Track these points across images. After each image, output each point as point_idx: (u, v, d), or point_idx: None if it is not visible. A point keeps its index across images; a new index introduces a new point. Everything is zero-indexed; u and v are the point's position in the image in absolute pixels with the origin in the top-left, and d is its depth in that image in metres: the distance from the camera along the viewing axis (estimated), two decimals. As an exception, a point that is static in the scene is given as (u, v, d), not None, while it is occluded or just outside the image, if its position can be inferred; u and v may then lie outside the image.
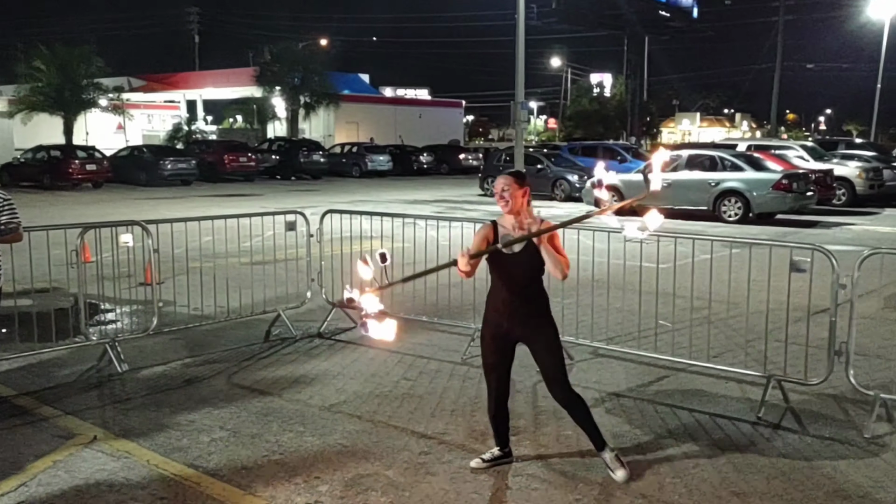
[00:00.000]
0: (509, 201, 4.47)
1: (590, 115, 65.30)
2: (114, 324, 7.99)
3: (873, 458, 4.86)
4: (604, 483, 4.52)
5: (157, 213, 19.08)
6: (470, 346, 7.15)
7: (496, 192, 4.54)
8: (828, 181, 21.13)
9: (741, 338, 7.26)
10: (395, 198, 25.35)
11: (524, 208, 4.52)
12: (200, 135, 44.37)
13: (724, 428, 5.39)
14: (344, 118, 53.21)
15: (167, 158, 31.60)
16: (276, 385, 6.32)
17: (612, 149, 28.55)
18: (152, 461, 4.83)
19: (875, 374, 6.22)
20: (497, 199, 4.54)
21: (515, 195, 4.47)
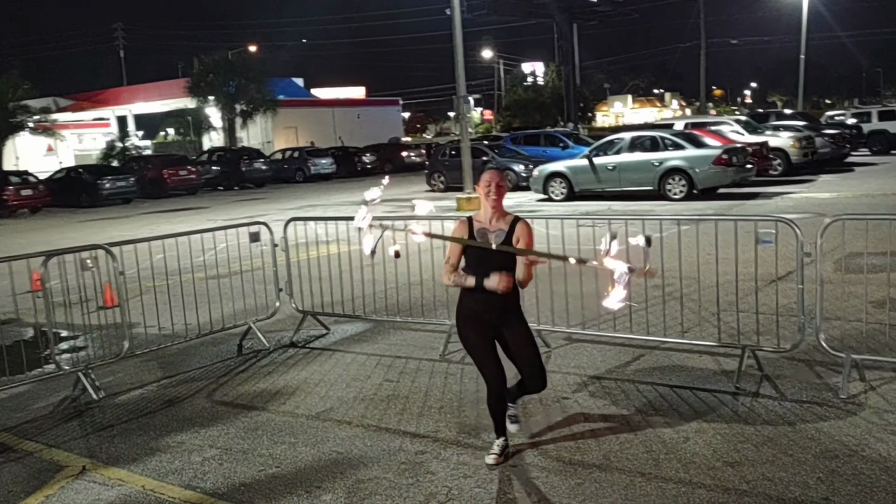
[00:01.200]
0: (497, 197, 4.61)
1: (526, 104, 65.86)
2: (84, 350, 7.81)
3: (853, 417, 5.06)
4: (601, 465, 4.62)
5: (108, 235, 18.64)
6: (448, 342, 7.20)
7: (484, 186, 4.64)
8: (764, 153, 21.76)
9: (709, 311, 7.46)
10: (343, 200, 25.23)
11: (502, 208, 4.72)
12: (136, 151, 43.35)
13: (706, 401, 5.55)
14: (282, 124, 52.66)
15: (105, 178, 30.84)
16: (259, 398, 6.27)
17: (553, 136, 28.85)
18: (148, 486, 4.76)
19: (843, 335, 6.46)
20: (483, 193, 4.64)
21: (501, 192, 4.64)
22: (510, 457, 4.76)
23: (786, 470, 4.40)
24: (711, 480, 4.34)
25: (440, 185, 26.87)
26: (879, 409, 5.17)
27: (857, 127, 30.86)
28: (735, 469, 4.46)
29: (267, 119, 49.30)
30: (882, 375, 5.75)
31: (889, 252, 6.90)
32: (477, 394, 5.98)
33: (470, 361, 6.79)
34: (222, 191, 35.48)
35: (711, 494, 4.18)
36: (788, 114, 33.53)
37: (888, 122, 30.94)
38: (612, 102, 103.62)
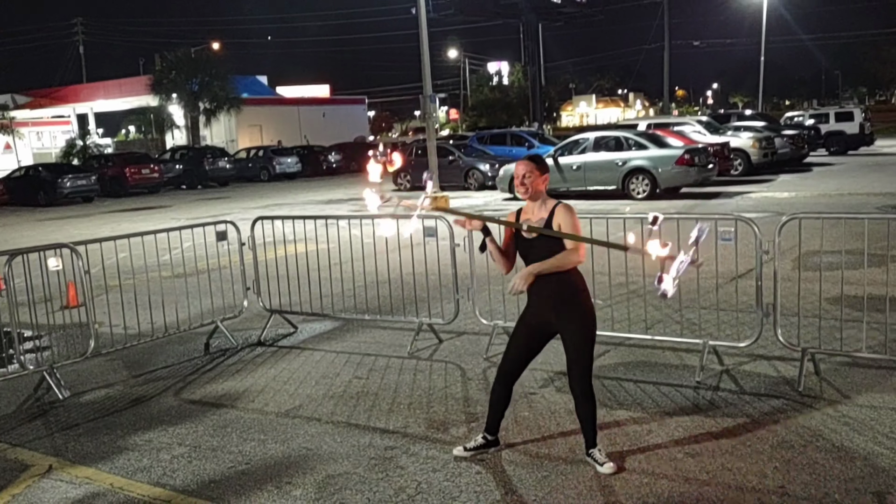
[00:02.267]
0: (529, 188, 4.48)
1: (493, 103, 66.19)
2: (48, 350, 7.73)
3: (808, 409, 5.24)
4: (567, 458, 4.72)
5: (67, 234, 18.37)
6: (415, 340, 7.26)
7: (517, 178, 4.50)
8: (725, 153, 22.16)
9: (672, 308, 7.63)
10: (308, 199, 25.14)
11: (545, 196, 4.53)
12: (97, 149, 42.69)
13: (669, 395, 5.69)
14: (246, 122, 52.21)
15: (66, 176, 30.32)
16: (227, 396, 6.28)
17: (519, 136, 29.06)
18: (116, 484, 4.76)
19: (799, 330, 6.65)
20: (517, 185, 4.52)
21: (536, 183, 4.48)
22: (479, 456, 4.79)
23: (744, 460, 4.55)
24: (673, 471, 4.47)
25: (406, 185, 26.90)
26: (833, 401, 5.35)
27: (816, 128, 31.54)
28: (696, 460, 4.59)
29: (231, 117, 48.85)
30: (836, 369, 5.95)
31: (843, 250, 7.12)
32: (445, 390, 6.06)
33: (438, 358, 6.92)
34: (185, 190, 35.10)
35: (673, 485, 4.31)
36: (749, 115, 34.18)
37: (845, 124, 31.66)
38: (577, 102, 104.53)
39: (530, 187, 4.49)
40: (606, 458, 4.57)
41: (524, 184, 4.49)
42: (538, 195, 4.52)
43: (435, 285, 8.04)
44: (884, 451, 4.55)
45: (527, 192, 4.50)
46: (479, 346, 7.14)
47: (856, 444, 4.67)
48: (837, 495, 4.09)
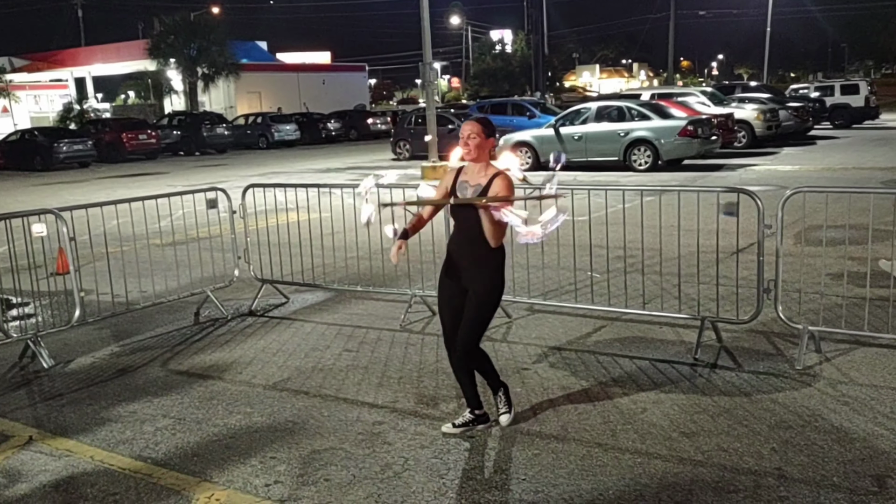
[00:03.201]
0: (472, 150, 4.35)
1: (495, 72, 65.54)
2: (33, 318, 7.60)
3: (807, 388, 5.11)
4: (559, 436, 4.60)
5: (61, 199, 18.18)
6: (407, 312, 7.13)
7: (461, 138, 4.39)
8: (729, 125, 21.91)
9: (671, 283, 7.48)
10: (306, 167, 24.91)
11: (487, 161, 4.41)
12: (94, 114, 42.33)
13: (665, 372, 5.56)
14: (245, 88, 51.73)
15: (62, 141, 30.06)
16: (215, 367, 6.16)
17: (521, 105, 28.70)
18: (97, 457, 4.64)
19: (800, 307, 6.51)
20: (461, 144, 4.39)
21: (481, 146, 4.36)
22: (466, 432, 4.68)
23: (741, 440, 4.43)
24: (667, 451, 4.35)
25: (405, 154, 26.66)
26: (834, 380, 5.22)
27: (820, 101, 31.22)
28: (691, 440, 4.47)
29: (229, 83, 48.39)
30: (837, 347, 5.81)
31: (847, 225, 6.96)
32: (436, 364, 5.94)
33: (430, 331, 6.78)
34: (183, 156, 34.84)
35: (667, 465, 4.19)
36: (754, 86, 33.79)
37: (850, 97, 31.33)
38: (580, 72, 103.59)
39: (473, 149, 4.36)
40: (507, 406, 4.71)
41: (468, 144, 4.37)
42: (481, 158, 4.40)
43: (429, 257, 7.88)
44: (884, 433, 4.43)
45: (469, 153, 4.38)
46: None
47: (855, 425, 4.54)
48: (836, 478, 3.98)
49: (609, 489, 3.98)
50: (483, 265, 4.43)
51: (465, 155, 4.40)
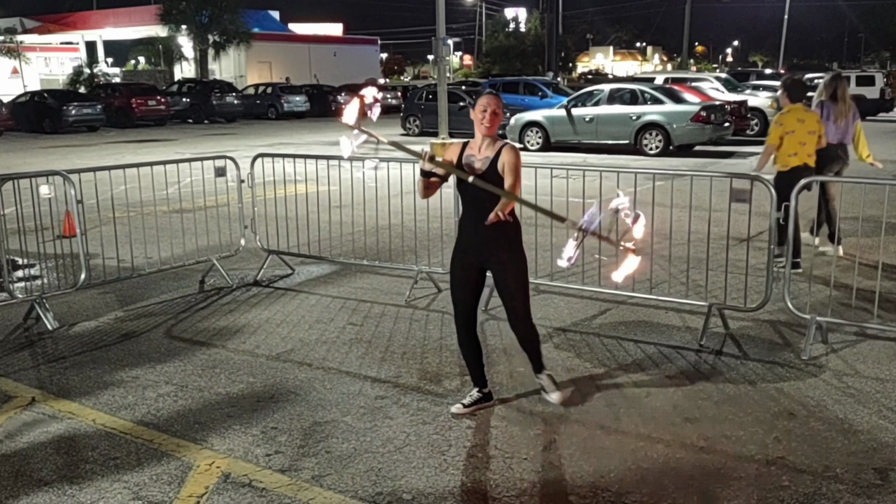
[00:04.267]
0: (490, 125, 4.32)
1: (507, 50, 65.05)
2: (39, 279, 7.60)
3: (813, 379, 5.08)
4: (562, 417, 4.58)
5: (69, 162, 18.13)
6: (413, 288, 7.11)
7: (479, 111, 4.34)
8: (742, 112, 21.71)
9: (679, 268, 7.44)
10: (315, 140, 24.81)
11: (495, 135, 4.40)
12: (104, 78, 42.20)
13: (670, 357, 5.53)
14: (256, 58, 51.47)
15: (71, 104, 29.95)
16: (219, 336, 6.15)
17: (533, 84, 28.49)
18: (98, 420, 4.65)
19: (808, 297, 6.47)
20: (478, 118, 4.34)
21: (496, 121, 4.34)
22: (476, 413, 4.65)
23: (744, 428, 4.40)
24: (670, 436, 4.33)
25: (415, 129, 26.53)
26: (840, 371, 5.19)
27: (835, 91, 30.86)
28: (694, 425, 4.45)
29: (240, 52, 48.14)
30: (844, 339, 5.77)
31: (861, 217, 6.89)
32: (441, 341, 5.92)
33: (435, 308, 6.76)
34: (191, 124, 34.73)
35: (669, 450, 4.17)
36: (768, 74, 33.48)
37: (865, 88, 30.98)
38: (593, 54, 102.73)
39: (490, 123, 4.32)
40: (555, 386, 4.65)
41: (486, 118, 4.31)
42: (493, 132, 4.37)
43: (436, 234, 7.86)
44: (889, 426, 4.40)
45: (488, 127, 4.33)
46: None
47: (860, 417, 4.51)
48: (839, 469, 3.95)
49: (610, 472, 3.96)
50: (503, 238, 4.40)
51: (486, 130, 4.34)
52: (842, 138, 8.22)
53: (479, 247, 4.44)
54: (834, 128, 8.12)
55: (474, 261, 4.50)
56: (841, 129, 8.20)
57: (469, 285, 4.55)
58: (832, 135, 8.06)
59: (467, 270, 4.53)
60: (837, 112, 8.16)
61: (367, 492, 3.81)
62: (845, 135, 8.24)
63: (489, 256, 4.45)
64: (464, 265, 4.54)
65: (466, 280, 4.54)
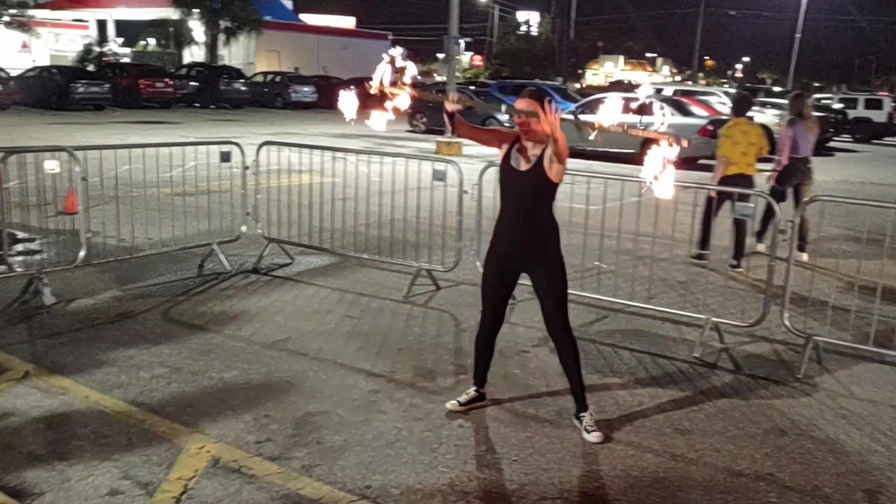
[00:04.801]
0: (525, 130, 4.13)
1: (517, 53, 65.08)
2: (38, 254, 7.59)
3: (806, 398, 5.08)
4: (553, 421, 4.59)
5: (74, 139, 18.11)
6: (412, 285, 7.11)
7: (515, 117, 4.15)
8: (749, 128, 21.70)
9: (678, 280, 7.45)
10: (321, 131, 24.80)
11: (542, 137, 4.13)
12: (113, 57, 42.10)
13: (664, 367, 5.54)
14: (265, 46, 51.34)
15: (79, 81, 29.92)
16: (215, 321, 6.15)
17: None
18: (91, 398, 4.65)
19: (806, 316, 6.48)
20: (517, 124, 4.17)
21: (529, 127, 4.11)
22: (470, 411, 4.65)
23: (734, 443, 4.41)
24: (660, 446, 4.34)
25: (421, 127, 26.51)
26: (833, 391, 5.20)
27: (843, 112, 30.91)
28: (685, 437, 4.46)
29: (250, 39, 48.00)
30: (839, 360, 5.78)
31: (864, 239, 6.89)
32: (437, 339, 5.92)
33: (433, 305, 6.76)
34: (198, 108, 34.70)
35: (659, 460, 4.18)
36: (777, 91, 33.48)
37: (873, 111, 31.02)
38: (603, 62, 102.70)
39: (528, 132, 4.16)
40: (595, 425, 4.42)
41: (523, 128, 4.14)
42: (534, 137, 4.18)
43: (438, 231, 7.85)
44: (879, 448, 4.41)
45: (527, 135, 4.19)
46: (476, 297, 6.87)
47: (852, 439, 4.52)
48: (828, 489, 3.96)
49: (599, 478, 3.97)
50: (543, 241, 4.30)
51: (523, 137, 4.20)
52: (807, 153, 8.78)
53: (518, 250, 4.33)
54: (803, 143, 8.71)
55: (513, 264, 4.41)
56: (809, 145, 8.75)
57: (503, 289, 4.50)
58: (802, 150, 8.72)
59: (504, 274, 4.45)
60: (807, 127, 8.76)
61: (356, 484, 3.81)
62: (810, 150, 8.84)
63: (528, 261, 4.35)
64: (500, 268, 4.43)
65: (501, 283, 4.48)
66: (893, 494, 3.94)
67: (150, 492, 3.67)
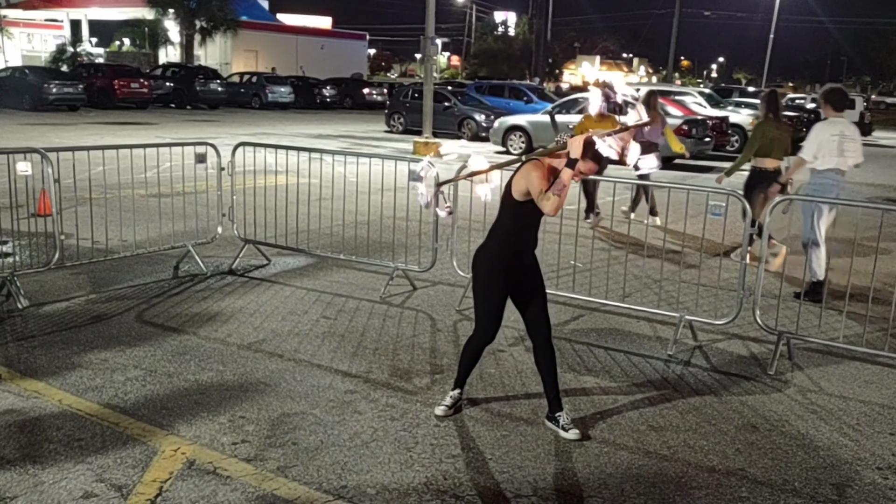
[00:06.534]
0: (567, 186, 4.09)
1: (495, 53, 65.23)
2: (11, 257, 7.51)
3: (777, 394, 5.16)
4: (529, 420, 4.62)
5: (48, 141, 17.93)
6: (388, 285, 7.12)
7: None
8: (723, 128, 21.93)
9: (652, 278, 7.52)
10: (298, 132, 24.72)
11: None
12: (87, 58, 41.68)
13: (639, 365, 5.59)
14: (242, 46, 51.12)
15: (53, 82, 29.54)
16: (191, 323, 6.12)
17: (518, 89, 28.61)
18: (65, 401, 4.61)
19: (778, 313, 6.56)
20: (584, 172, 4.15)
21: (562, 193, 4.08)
22: (460, 410, 4.69)
23: (707, 439, 4.47)
24: (634, 443, 4.38)
25: (398, 127, 26.50)
26: (804, 388, 5.28)
27: (816, 112, 31.27)
28: (658, 434, 4.51)
29: (227, 39, 47.77)
30: (810, 356, 5.87)
31: (833, 238, 7.00)
32: (413, 339, 5.94)
33: (410, 305, 6.77)
34: (174, 109, 34.42)
35: (633, 457, 4.22)
36: (751, 91, 33.84)
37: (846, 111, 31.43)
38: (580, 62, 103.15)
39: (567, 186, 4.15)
40: (572, 423, 4.47)
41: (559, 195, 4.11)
42: None
43: (415, 232, 7.87)
44: (848, 443, 4.49)
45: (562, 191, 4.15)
46: (452, 297, 7.01)
47: (821, 433, 4.60)
48: (797, 483, 4.03)
49: (574, 475, 4.01)
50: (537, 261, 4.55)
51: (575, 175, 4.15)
52: None
53: (524, 268, 4.46)
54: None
55: (517, 279, 4.45)
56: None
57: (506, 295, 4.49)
58: None
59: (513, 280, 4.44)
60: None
61: (331, 484, 3.82)
62: None
63: (528, 279, 4.47)
64: (508, 281, 4.43)
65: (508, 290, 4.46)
66: (861, 487, 4.01)
67: (125, 494, 3.65)
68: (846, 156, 7.26)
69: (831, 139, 7.26)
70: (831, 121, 7.45)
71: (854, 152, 7.29)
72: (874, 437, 4.59)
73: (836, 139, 7.25)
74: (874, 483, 4.06)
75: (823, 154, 7.25)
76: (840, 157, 7.25)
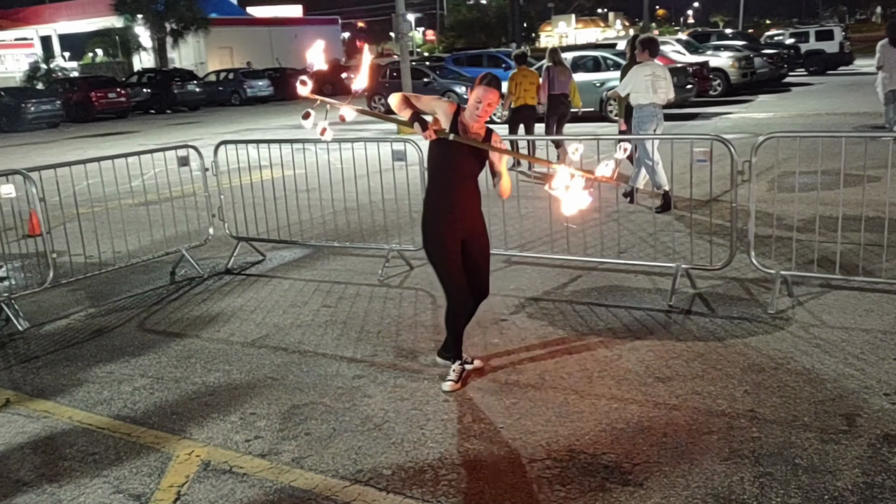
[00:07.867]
0: (481, 116, 4.40)
1: (471, 23, 64.67)
2: (6, 280, 7.51)
3: (780, 332, 5.18)
4: (536, 385, 4.65)
5: (30, 160, 17.84)
6: (385, 267, 7.13)
7: (473, 100, 4.38)
8: (704, 73, 21.81)
9: (646, 231, 7.52)
10: (282, 124, 24.62)
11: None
12: (62, 73, 41.39)
13: (640, 319, 5.61)
14: (216, 44, 50.68)
15: (29, 101, 29.38)
16: (192, 326, 6.13)
17: (497, 56, 28.41)
18: (75, 417, 4.64)
19: (773, 252, 6.58)
20: (473, 106, 4.38)
21: (488, 112, 4.41)
22: (467, 382, 4.71)
23: (714, 384, 4.50)
24: (643, 396, 4.41)
25: (380, 108, 26.33)
26: (806, 323, 5.31)
27: (795, 47, 31.14)
28: (666, 384, 4.54)
29: (199, 39, 47.39)
30: (809, 291, 5.89)
31: (819, 171, 7.00)
32: (415, 318, 5.96)
33: (408, 285, 6.79)
34: (154, 114, 34.25)
35: (643, 410, 4.25)
36: (729, 34, 33.64)
37: (825, 42, 31.26)
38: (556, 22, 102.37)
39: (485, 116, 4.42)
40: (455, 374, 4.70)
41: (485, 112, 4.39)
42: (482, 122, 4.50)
43: (405, 211, 7.86)
44: (854, 373, 4.52)
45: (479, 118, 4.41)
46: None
47: (826, 366, 4.63)
48: (807, 418, 4.06)
49: (586, 434, 4.04)
50: (479, 211, 4.61)
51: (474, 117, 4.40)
52: (564, 90, 12.17)
53: (465, 221, 4.51)
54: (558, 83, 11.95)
55: (461, 236, 4.53)
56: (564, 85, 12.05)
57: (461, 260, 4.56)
58: (558, 88, 12.13)
59: (457, 245, 4.52)
60: (559, 72, 12.11)
61: (347, 470, 3.85)
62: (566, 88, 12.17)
63: (472, 231, 4.55)
64: (454, 241, 4.51)
65: (458, 254, 4.54)
66: (871, 415, 4.04)
67: (144, 502, 3.68)
68: (658, 93, 8.56)
69: (645, 79, 8.49)
70: (646, 63, 8.65)
71: (665, 90, 8.62)
72: (879, 365, 4.62)
73: (649, 79, 8.48)
74: (883, 409, 4.09)
75: (640, 91, 8.54)
76: (654, 94, 8.52)
